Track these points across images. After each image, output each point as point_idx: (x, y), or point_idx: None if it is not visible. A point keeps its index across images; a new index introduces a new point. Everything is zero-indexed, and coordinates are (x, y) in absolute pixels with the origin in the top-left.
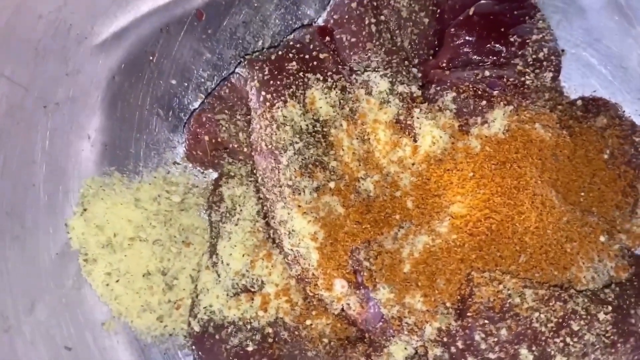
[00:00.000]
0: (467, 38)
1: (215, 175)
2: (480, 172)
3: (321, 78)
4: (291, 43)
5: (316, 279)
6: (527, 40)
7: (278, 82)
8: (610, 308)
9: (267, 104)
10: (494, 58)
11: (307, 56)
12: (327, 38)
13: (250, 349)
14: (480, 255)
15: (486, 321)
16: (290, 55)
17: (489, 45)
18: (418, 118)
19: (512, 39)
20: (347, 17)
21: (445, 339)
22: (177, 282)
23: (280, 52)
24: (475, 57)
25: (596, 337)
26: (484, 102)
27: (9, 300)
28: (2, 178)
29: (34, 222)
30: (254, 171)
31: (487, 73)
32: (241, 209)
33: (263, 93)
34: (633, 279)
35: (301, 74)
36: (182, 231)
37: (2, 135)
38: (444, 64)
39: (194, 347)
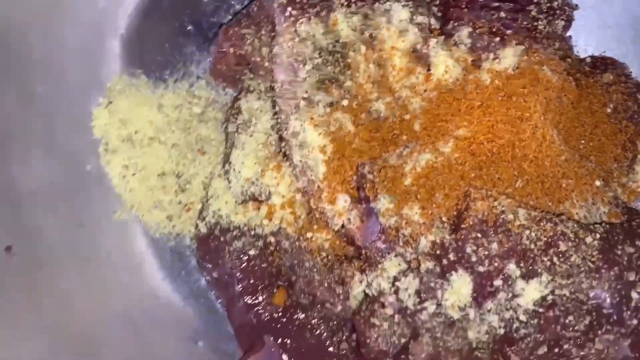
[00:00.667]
0: None
1: (234, 95)
2: (487, 102)
3: (345, 3)
4: None
5: (321, 192)
6: None
7: (304, 1)
8: (598, 235)
9: (292, 19)
10: (511, 5)
11: None
12: None
13: (252, 253)
14: (479, 175)
15: (479, 234)
16: None
17: None
18: (434, 48)
19: None
20: None
21: (438, 252)
22: (189, 186)
23: None
24: (493, 2)
25: (582, 260)
26: (497, 39)
27: (32, 169)
28: (40, 56)
29: (63, 104)
30: (273, 87)
31: (502, 15)
32: (256, 122)
33: (289, 9)
34: (624, 224)
35: None
36: (200, 140)
37: (40, 16)
38: (463, 6)
39: (198, 246)
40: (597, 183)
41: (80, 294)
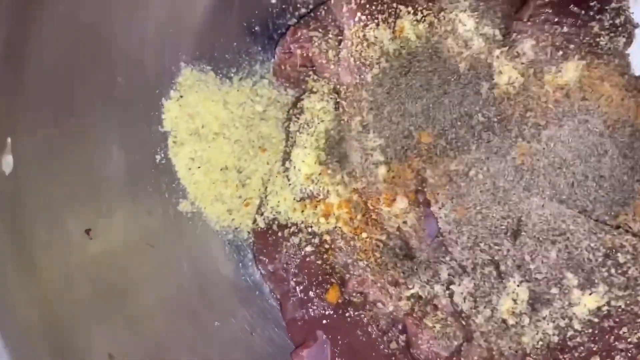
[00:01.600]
0: None
1: (296, 96)
2: (549, 114)
3: (412, 11)
4: None
5: (379, 194)
6: (606, 7)
7: (373, 7)
8: None
9: (362, 23)
10: (572, 20)
11: None
12: None
13: (308, 249)
14: (540, 183)
15: (537, 242)
16: None
17: (569, 8)
18: (498, 58)
19: (591, 4)
20: None
21: (496, 257)
22: (249, 181)
23: None
24: (554, 17)
25: (639, 273)
26: (560, 53)
27: (110, 158)
28: (121, 48)
29: (138, 95)
30: (336, 89)
31: (565, 29)
32: (319, 122)
33: (359, 14)
34: None
35: (394, 4)
36: (261, 138)
37: (124, 10)
38: (526, 19)
39: (256, 240)
40: None
41: (145, 279)
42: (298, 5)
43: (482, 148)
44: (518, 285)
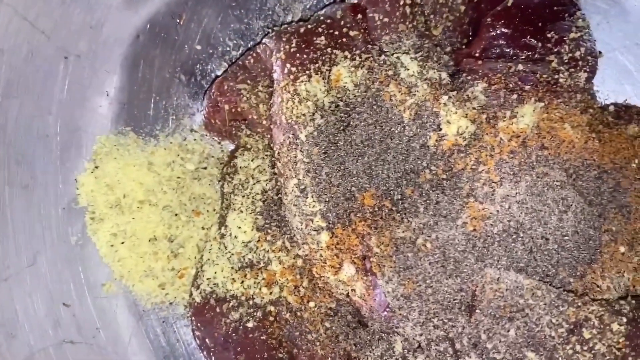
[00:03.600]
0: (502, 30)
1: (231, 147)
2: (505, 169)
3: (349, 56)
4: (321, 18)
5: (323, 261)
6: (564, 38)
7: (304, 56)
8: (624, 320)
9: (292, 76)
10: (529, 53)
11: (336, 32)
12: (359, 16)
13: (250, 325)
14: (495, 251)
15: (494, 320)
16: (320, 30)
17: (524, 39)
18: (446, 105)
19: (549, 35)
20: None
21: (450, 334)
22: (182, 250)
23: (309, 26)
24: (509, 50)
25: (607, 348)
26: (515, 96)
27: (12, 249)
28: (16, 125)
29: (43, 174)
30: (271, 145)
31: (520, 67)
32: (254, 183)
33: (288, 65)
34: None
35: (329, 49)
36: (193, 200)
37: (19, 82)
38: (477, 54)
39: (193, 317)
40: (622, 249)
41: None
42: (228, 49)
43: (431, 210)
44: None
